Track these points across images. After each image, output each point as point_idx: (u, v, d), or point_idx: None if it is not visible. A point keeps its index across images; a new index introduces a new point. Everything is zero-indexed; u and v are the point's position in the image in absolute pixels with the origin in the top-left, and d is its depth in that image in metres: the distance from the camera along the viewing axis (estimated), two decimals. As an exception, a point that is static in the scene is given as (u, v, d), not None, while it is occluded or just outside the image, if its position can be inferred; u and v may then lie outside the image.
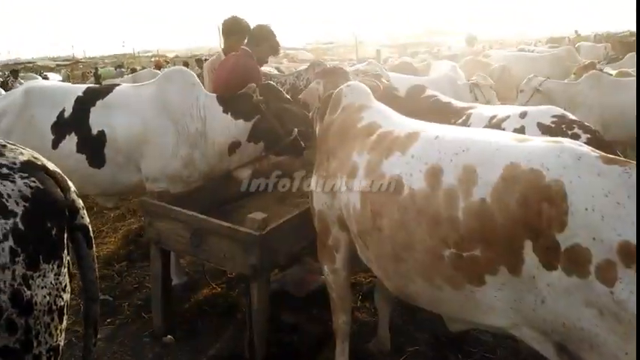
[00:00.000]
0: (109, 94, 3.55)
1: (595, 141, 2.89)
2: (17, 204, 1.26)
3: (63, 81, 19.93)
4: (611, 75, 6.11)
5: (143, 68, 19.54)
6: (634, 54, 7.67)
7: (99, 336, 3.04)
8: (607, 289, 1.43)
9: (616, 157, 1.60)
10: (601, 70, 6.59)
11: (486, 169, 1.72)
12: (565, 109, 3.34)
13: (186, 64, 14.60)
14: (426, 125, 2.18)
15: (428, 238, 1.82)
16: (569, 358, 1.65)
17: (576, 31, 24.98)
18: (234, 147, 3.48)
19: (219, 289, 3.60)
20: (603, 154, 1.62)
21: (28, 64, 35.07)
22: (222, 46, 4.47)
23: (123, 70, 20.61)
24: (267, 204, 3.47)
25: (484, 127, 3.10)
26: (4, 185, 1.26)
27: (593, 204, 1.48)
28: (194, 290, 3.62)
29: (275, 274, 3.46)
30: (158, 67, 17.93)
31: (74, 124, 3.45)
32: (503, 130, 3.03)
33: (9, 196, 1.26)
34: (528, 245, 1.58)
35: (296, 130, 3.44)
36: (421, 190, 1.87)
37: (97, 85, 3.95)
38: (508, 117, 3.17)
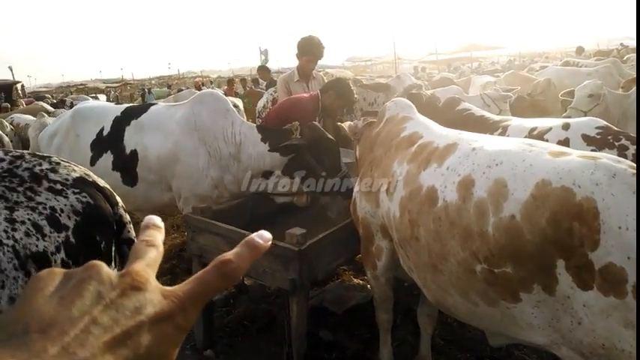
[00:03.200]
0: (142, 114, 3.70)
1: None
2: (69, 218, 1.33)
3: (112, 102, 20.90)
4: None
5: (188, 88, 20.22)
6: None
7: (142, 348, 3.16)
8: None
9: None
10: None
11: (517, 184, 1.69)
12: (618, 122, 3.22)
13: (231, 82, 14.98)
14: (467, 136, 2.16)
15: (460, 252, 1.81)
16: None
17: (622, 44, 24.15)
18: (267, 175, 3.51)
19: (260, 305, 3.62)
20: None
21: (80, 86, 36.95)
22: (298, 64, 4.63)
23: (170, 90, 21.38)
24: (305, 219, 3.51)
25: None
26: (58, 200, 1.33)
27: (627, 222, 1.44)
28: (234, 305, 3.66)
29: (314, 291, 3.46)
30: (198, 87, 18.48)
31: (110, 142, 3.64)
32: (547, 142, 2.95)
33: (62, 210, 1.32)
34: (561, 264, 1.55)
35: (344, 172, 3.38)
36: (453, 202, 1.86)
37: (136, 105, 4.11)
38: (550, 129, 3.10)
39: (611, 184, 1.51)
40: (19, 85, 17.54)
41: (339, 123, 3.13)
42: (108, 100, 22.68)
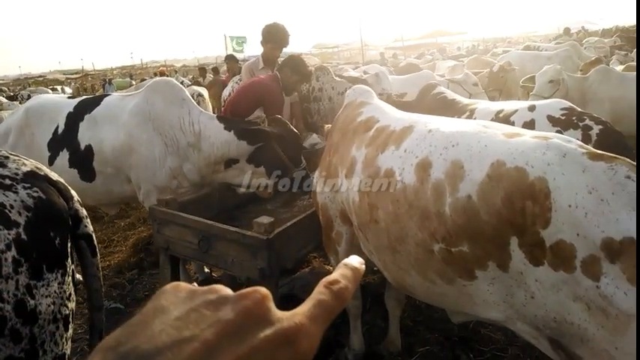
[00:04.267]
0: (95, 108, 3.61)
1: (606, 132, 2.89)
2: (20, 214, 1.28)
3: (72, 94, 20.26)
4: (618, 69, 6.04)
5: (151, 78, 19.75)
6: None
7: (110, 344, 3.11)
8: (593, 284, 1.45)
9: (604, 153, 1.59)
10: (607, 65, 6.52)
11: (473, 165, 1.73)
12: (578, 104, 3.33)
13: (203, 71, 14.73)
14: (423, 119, 2.19)
15: (418, 232, 1.84)
16: (564, 353, 1.66)
17: (583, 27, 24.82)
18: (230, 162, 3.47)
19: (230, 294, 3.60)
20: (592, 149, 1.62)
21: (39, 79, 35.62)
22: (262, 52, 4.58)
23: (132, 80, 20.84)
24: (273, 208, 3.50)
25: (489, 121, 3.09)
26: (7, 196, 1.28)
27: (577, 201, 1.48)
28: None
29: (284, 279, 3.46)
30: (162, 75, 18.08)
31: (65, 140, 3.55)
32: (513, 123, 3.03)
33: (12, 206, 1.27)
34: (514, 242, 1.60)
35: (303, 165, 3.41)
36: (411, 183, 1.89)
37: (88, 97, 3.97)
38: (516, 111, 3.17)
39: (561, 164, 1.56)
40: (-29, 78, 16.76)
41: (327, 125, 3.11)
42: (66, 92, 21.98)
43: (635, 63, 6.43)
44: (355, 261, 0.46)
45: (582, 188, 1.50)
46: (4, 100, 10.74)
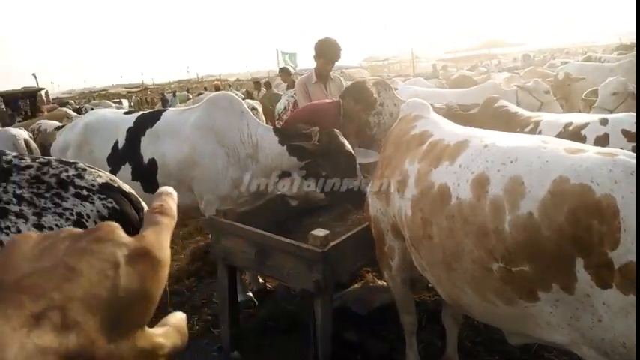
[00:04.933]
0: (156, 122, 3.76)
1: None
2: (95, 224, 1.35)
3: (132, 106, 21.25)
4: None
5: (207, 91, 20.46)
6: None
7: (169, 349, 3.21)
8: None
9: None
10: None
11: (534, 181, 1.68)
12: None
13: (257, 84, 15.21)
14: (479, 134, 2.15)
15: (475, 250, 1.80)
16: None
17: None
18: (284, 176, 3.56)
19: (284, 306, 3.66)
20: None
21: (102, 92, 37.63)
22: (315, 67, 4.69)
23: (189, 94, 21.64)
24: (327, 221, 3.53)
25: (557, 135, 2.98)
26: (84, 206, 1.36)
27: None
28: (260, 306, 3.71)
29: (337, 292, 3.47)
30: (217, 89, 18.68)
31: (127, 154, 3.72)
32: (584, 137, 2.92)
33: (88, 216, 1.35)
34: (579, 262, 1.54)
35: (359, 180, 3.40)
36: (467, 199, 1.86)
37: (147, 112, 4.14)
38: (587, 124, 3.03)
39: (629, 182, 1.50)
40: (43, 92, 17.93)
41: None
42: (129, 104, 23.08)
43: None
44: (165, 189, 0.52)
45: None
46: (73, 113, 11.42)
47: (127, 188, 1.54)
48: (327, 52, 4.50)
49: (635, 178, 1.51)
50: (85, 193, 1.38)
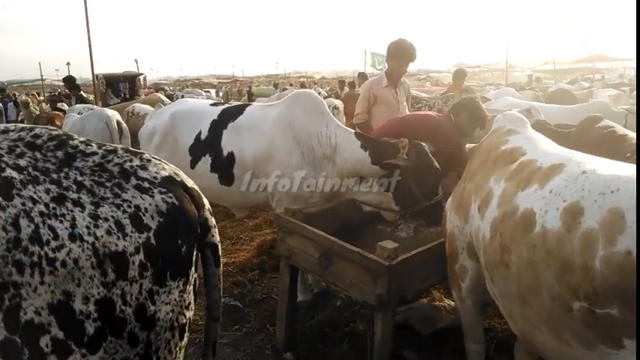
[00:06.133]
0: (239, 117, 3.80)
1: None
2: (152, 219, 1.29)
3: (222, 97, 22.10)
4: None
5: (292, 86, 20.84)
6: None
7: (225, 340, 3.23)
8: None
9: None
10: None
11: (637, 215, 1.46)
12: None
13: (342, 84, 15.27)
14: (577, 157, 1.93)
15: (556, 285, 1.63)
16: None
17: None
18: (361, 181, 3.46)
19: (343, 313, 3.55)
20: None
21: (195, 81, 39.61)
22: (387, 69, 4.53)
23: (275, 89, 22.18)
24: (398, 232, 3.37)
25: None
26: (144, 199, 1.30)
27: None
28: (318, 310, 3.63)
29: (400, 306, 3.30)
30: (302, 86, 18.94)
31: (209, 146, 3.78)
32: None
33: (146, 210, 1.29)
34: None
35: (440, 197, 3.25)
36: (555, 229, 1.67)
37: (232, 106, 4.19)
38: None
39: None
40: (142, 77, 19.09)
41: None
42: (217, 95, 24.04)
43: None
44: None
45: None
46: (166, 99, 12.01)
47: (190, 183, 1.49)
48: (404, 52, 4.31)
49: None
50: (146, 185, 1.33)
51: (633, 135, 3.19)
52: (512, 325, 2.00)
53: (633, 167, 1.76)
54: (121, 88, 14.72)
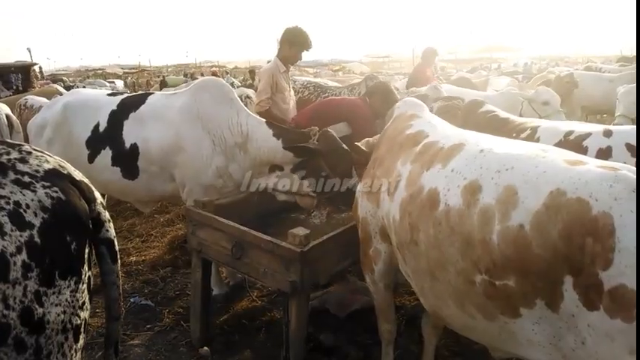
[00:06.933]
0: (141, 106, 3.61)
1: None
2: (36, 215, 1.20)
3: (128, 87, 20.95)
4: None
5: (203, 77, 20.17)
6: None
7: (137, 341, 3.10)
8: None
9: None
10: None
11: (529, 192, 1.59)
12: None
13: (253, 73, 15.02)
14: (475, 138, 2.05)
15: (460, 260, 1.73)
16: None
17: (640, 50, 23.51)
18: (275, 168, 3.46)
19: (259, 303, 3.55)
20: None
21: (98, 71, 37.17)
22: (279, 54, 4.43)
23: (187, 78, 21.37)
24: (311, 219, 3.41)
25: (556, 144, 2.84)
26: (24, 194, 1.20)
27: None
28: (234, 302, 3.59)
29: (316, 292, 3.35)
30: (214, 76, 18.41)
31: (108, 138, 3.57)
32: (586, 149, 2.80)
33: (27, 206, 1.20)
34: (568, 281, 1.46)
35: (354, 180, 3.29)
36: (456, 206, 1.77)
37: (132, 95, 4.00)
38: (589, 134, 2.90)
39: (630, 199, 1.40)
40: (36, 67, 17.58)
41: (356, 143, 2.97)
42: (125, 85, 22.74)
43: None
44: None
45: None
46: (64, 90, 11.15)
47: (78, 175, 1.39)
48: (303, 40, 4.33)
49: (635, 195, 1.41)
50: (26, 179, 1.23)
51: (514, 118, 3.47)
52: (423, 300, 2.09)
53: (525, 145, 1.90)
54: (12, 79, 13.47)
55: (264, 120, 3.61)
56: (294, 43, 4.34)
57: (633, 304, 1.32)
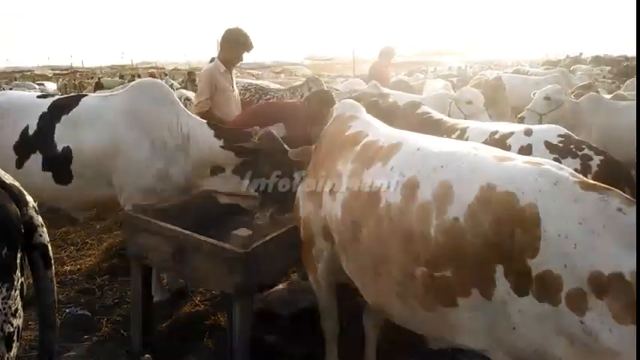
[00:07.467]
0: (74, 108, 3.46)
1: (608, 163, 2.86)
2: None
3: (59, 90, 19.90)
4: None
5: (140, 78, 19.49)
6: (633, 80, 7.64)
7: (73, 352, 2.97)
8: (577, 319, 1.42)
9: (596, 183, 1.57)
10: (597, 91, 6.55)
11: (463, 187, 1.69)
12: (571, 129, 3.29)
13: (192, 75, 14.68)
14: (413, 137, 2.15)
15: (401, 254, 1.80)
16: None
17: (567, 55, 25.38)
18: (216, 170, 3.42)
19: (202, 307, 3.50)
20: (584, 179, 1.59)
21: (26, 72, 35.12)
22: (220, 55, 4.40)
23: (123, 80, 20.58)
24: (254, 221, 3.39)
25: (483, 142, 3.02)
26: None
27: (567, 231, 1.45)
28: (176, 308, 3.52)
29: (260, 293, 3.35)
30: (152, 77, 17.85)
31: (38, 142, 3.39)
32: (509, 146, 2.99)
33: None
34: (500, 270, 1.56)
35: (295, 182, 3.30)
36: (397, 203, 1.85)
37: (63, 97, 3.84)
38: (512, 133, 3.12)
39: (553, 192, 1.53)
40: (-45, 68, 16.38)
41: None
42: (57, 88, 21.56)
43: (622, 92, 6.47)
44: None
45: (573, 218, 1.46)
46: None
47: (8, 179, 1.33)
48: (244, 40, 4.32)
49: (558, 188, 1.53)
50: None
51: (446, 119, 3.68)
52: (366, 295, 2.15)
53: (458, 144, 2.01)
54: None
55: (205, 121, 3.56)
56: (234, 44, 4.32)
57: (559, 288, 1.43)
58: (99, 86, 18.45)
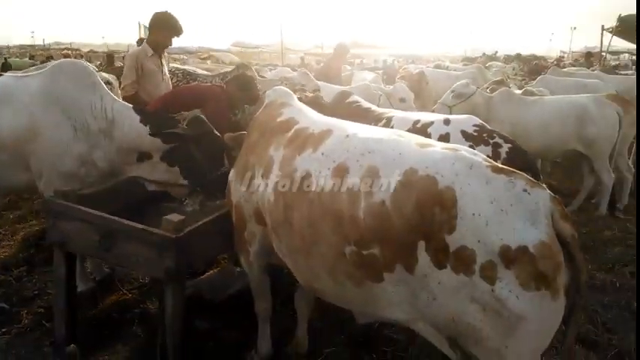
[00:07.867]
0: None
1: (515, 150, 3.17)
2: None
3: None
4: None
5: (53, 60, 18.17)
6: (544, 76, 8.33)
7: (-8, 346, 2.81)
8: (489, 287, 1.59)
9: (504, 167, 1.76)
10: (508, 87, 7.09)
11: (388, 172, 1.82)
12: (485, 121, 3.60)
13: (111, 58, 13.87)
14: (342, 124, 2.26)
15: (332, 235, 1.90)
16: (461, 352, 1.79)
17: (484, 53, 27.10)
18: (143, 157, 3.32)
19: (130, 296, 3.43)
20: (494, 163, 1.77)
21: None
22: (149, 39, 4.34)
23: (34, 61, 19.03)
24: (186, 206, 3.36)
25: (407, 130, 3.22)
26: None
27: (480, 210, 1.62)
28: (102, 297, 3.42)
29: (190, 279, 3.34)
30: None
31: None
32: (430, 135, 3.21)
33: None
34: (421, 246, 1.70)
35: (226, 168, 3.29)
36: (327, 187, 1.95)
37: None
38: (432, 123, 3.36)
39: (468, 175, 1.69)
40: None
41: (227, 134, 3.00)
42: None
43: (531, 88, 7.03)
44: None
45: (485, 198, 1.63)
46: None
47: None
48: (173, 24, 4.29)
49: (473, 171, 1.70)
50: None
51: (374, 108, 3.90)
52: (298, 275, 2.24)
53: (385, 131, 2.15)
54: None
55: (131, 105, 3.46)
56: (163, 28, 4.24)
57: (473, 261, 1.60)
58: (7, 67, 16.95)
